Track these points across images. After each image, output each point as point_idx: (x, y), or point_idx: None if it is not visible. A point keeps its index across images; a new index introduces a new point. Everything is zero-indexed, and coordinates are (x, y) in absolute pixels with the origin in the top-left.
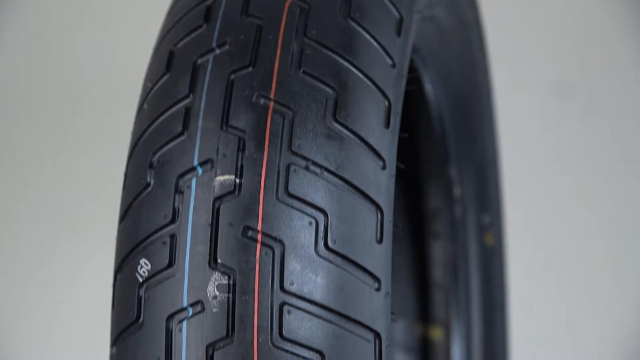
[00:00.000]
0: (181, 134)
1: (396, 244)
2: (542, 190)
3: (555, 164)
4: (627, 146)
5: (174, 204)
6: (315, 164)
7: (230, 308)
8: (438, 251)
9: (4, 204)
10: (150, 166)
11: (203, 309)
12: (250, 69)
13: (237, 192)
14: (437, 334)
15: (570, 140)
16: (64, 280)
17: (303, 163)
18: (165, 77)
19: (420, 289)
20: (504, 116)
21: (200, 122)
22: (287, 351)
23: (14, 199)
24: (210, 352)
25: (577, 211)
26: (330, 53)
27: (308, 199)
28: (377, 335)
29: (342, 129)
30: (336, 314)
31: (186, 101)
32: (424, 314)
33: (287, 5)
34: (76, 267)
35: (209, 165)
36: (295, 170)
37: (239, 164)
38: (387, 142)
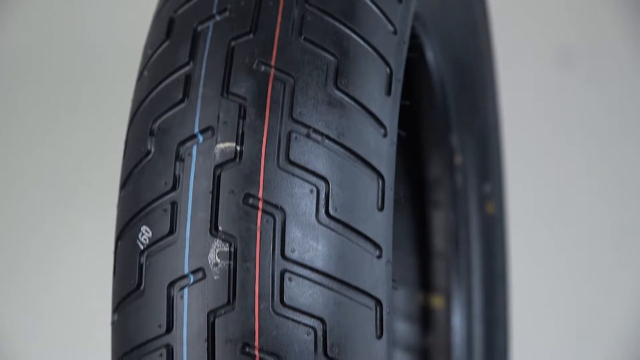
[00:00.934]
0: (181, 101)
1: (397, 213)
2: (541, 160)
3: (555, 134)
4: (627, 115)
5: (174, 172)
6: (316, 131)
7: (232, 275)
8: (439, 220)
9: (5, 172)
10: (151, 133)
11: (204, 276)
12: (251, 35)
13: (237, 159)
14: (437, 302)
15: (571, 109)
16: (64, 248)
17: (304, 130)
18: (165, 44)
19: (421, 257)
20: (505, 85)
21: (200, 90)
22: (288, 318)
23: (15, 167)
24: (211, 319)
25: (576, 182)
26: (331, 20)
27: (309, 166)
28: (378, 302)
29: (343, 96)
30: (337, 281)
31: (186, 68)
32: (424, 282)
33: None
34: (76, 235)
35: (209, 133)
36: (296, 138)
37: (240, 131)
38: (388, 109)
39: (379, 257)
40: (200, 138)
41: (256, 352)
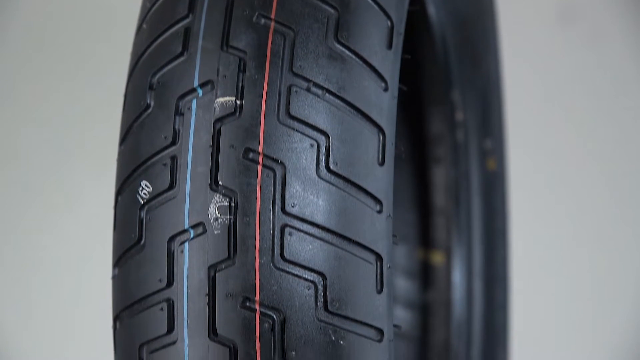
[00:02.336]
0: (181, 54)
1: (398, 170)
2: (542, 119)
3: (557, 93)
4: (631, 72)
5: (174, 126)
6: (316, 85)
7: (232, 230)
8: (440, 176)
9: (5, 127)
10: (150, 87)
11: (204, 231)
12: None
13: (237, 113)
14: (438, 258)
15: (573, 67)
16: (64, 203)
17: (304, 84)
18: None
19: (421, 214)
20: (507, 42)
21: (200, 43)
22: (288, 273)
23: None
24: (212, 274)
25: (576, 144)
26: None
27: (309, 120)
28: (379, 257)
29: (343, 49)
30: (338, 236)
31: (186, 21)
32: (425, 239)
33: None
34: (76, 190)
35: (209, 87)
36: (296, 92)
37: (240, 85)
38: (389, 63)
39: (380, 211)
40: (200, 92)
41: (257, 307)
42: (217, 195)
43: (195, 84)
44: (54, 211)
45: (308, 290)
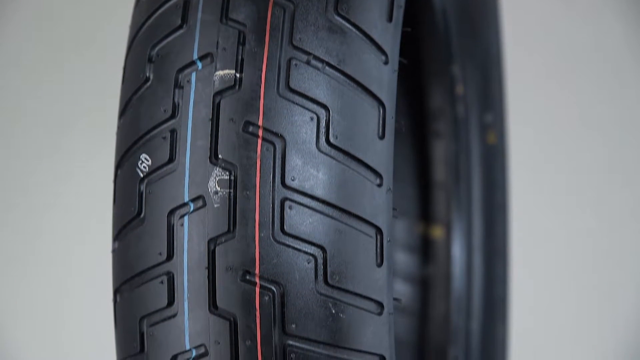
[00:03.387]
0: (180, 27)
1: (398, 144)
2: (543, 92)
3: (558, 66)
4: (635, 43)
5: (173, 99)
6: (316, 58)
7: (232, 203)
8: (440, 150)
9: (3, 100)
10: (149, 60)
11: (204, 204)
12: None
13: (237, 86)
14: (438, 233)
15: (575, 40)
16: (64, 176)
17: (304, 57)
18: None
19: (421, 188)
20: (508, 15)
21: (199, 15)
22: (288, 246)
23: (15, 97)
24: (212, 247)
25: (578, 118)
26: None
27: (309, 94)
28: (379, 230)
29: (343, 22)
30: (338, 209)
31: None
32: (425, 213)
33: None
34: (76, 164)
35: (208, 60)
36: (296, 65)
37: (239, 58)
38: (389, 36)
39: (380, 185)
40: (200, 65)
41: (257, 280)
42: (217, 168)
43: (195, 56)
44: (52, 186)
45: (308, 263)
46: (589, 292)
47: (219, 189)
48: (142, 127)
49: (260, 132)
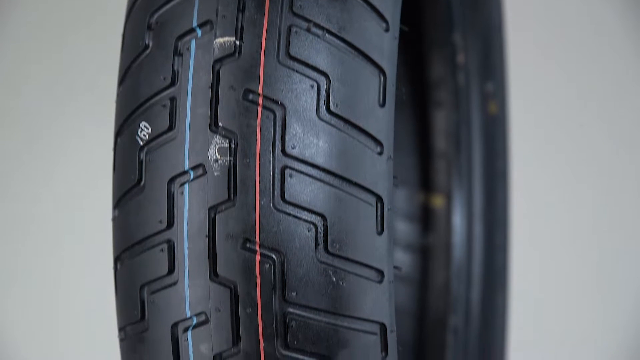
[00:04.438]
0: None
1: (398, 114)
2: (544, 62)
3: (560, 36)
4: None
5: (173, 67)
6: (317, 25)
7: (232, 171)
8: (441, 120)
9: (3, 73)
10: (149, 27)
11: (204, 172)
12: None
13: (237, 54)
14: (438, 202)
15: (577, 10)
16: (64, 146)
17: (304, 24)
18: None
19: (422, 157)
20: None
21: None
22: (289, 214)
23: (14, 65)
24: (212, 215)
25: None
26: None
27: (310, 61)
28: (379, 198)
29: None
30: (338, 177)
31: None
32: (425, 182)
33: None
34: (76, 132)
35: (208, 27)
36: (296, 32)
37: (239, 25)
38: (390, 3)
39: (380, 153)
40: (199, 32)
41: (257, 248)
42: (217, 136)
43: (194, 24)
44: (52, 154)
45: (308, 231)
46: (591, 267)
47: (219, 156)
48: (141, 94)
49: (260, 100)
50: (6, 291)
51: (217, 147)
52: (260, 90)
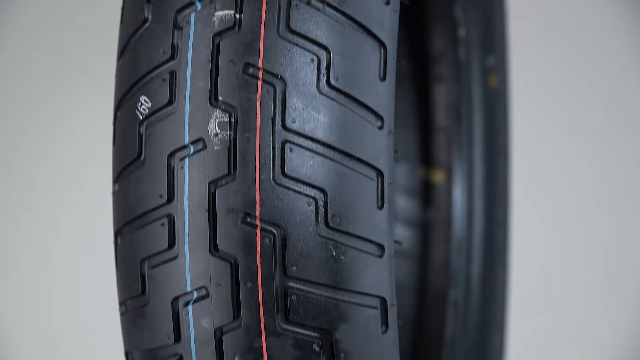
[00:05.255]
0: None
1: (399, 88)
2: (545, 34)
3: (562, 9)
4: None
5: (172, 40)
6: None
7: (232, 146)
8: (441, 94)
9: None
10: (148, 1)
11: (204, 147)
12: None
13: (237, 27)
14: (439, 177)
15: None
16: (64, 121)
17: None
18: None
19: (423, 132)
20: None
21: None
22: (289, 188)
23: (13, 44)
24: (212, 189)
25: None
26: None
27: (310, 35)
28: (380, 173)
29: None
30: (338, 151)
31: None
32: (426, 157)
33: None
34: (75, 106)
35: (207, 0)
36: (296, 5)
37: None
38: None
39: (381, 127)
40: (199, 5)
41: (257, 222)
42: (217, 110)
43: None
44: (52, 129)
45: (309, 206)
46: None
47: (219, 131)
48: (141, 68)
49: (260, 74)
50: (5, 268)
51: (217, 121)
52: (260, 64)
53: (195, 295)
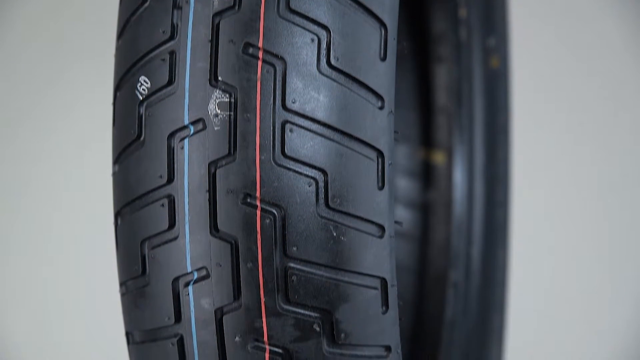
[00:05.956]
0: None
1: (399, 69)
2: (547, 16)
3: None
4: None
5: (172, 20)
6: None
7: (232, 126)
8: (442, 75)
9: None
10: None
11: (204, 127)
12: None
13: (237, 7)
14: (439, 158)
15: None
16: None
17: None
18: None
19: (423, 113)
20: None
21: None
22: (289, 169)
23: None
24: (212, 170)
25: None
26: None
27: (310, 14)
28: (380, 153)
29: None
30: (339, 132)
31: None
32: (426, 138)
33: None
34: (75, 86)
35: None
36: None
37: None
38: None
39: (381, 108)
40: None
41: (257, 203)
42: (217, 91)
43: None
44: (51, 110)
45: (309, 186)
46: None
47: (219, 111)
48: (140, 48)
49: (260, 54)
50: (5, 247)
51: (217, 101)
52: (260, 44)
53: (196, 275)
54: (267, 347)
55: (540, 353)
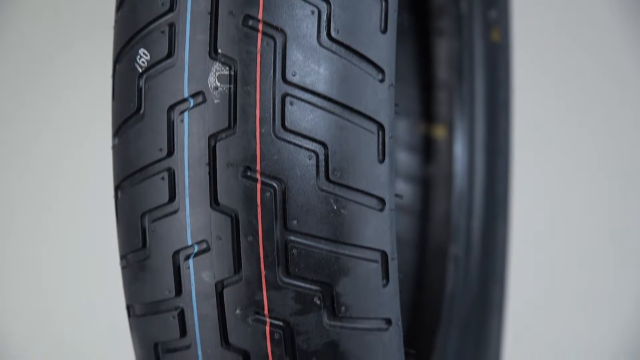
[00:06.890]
0: None
1: (400, 43)
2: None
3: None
4: None
5: None
6: None
7: (232, 99)
8: (443, 49)
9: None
10: None
11: (204, 100)
12: None
13: None
14: (440, 132)
15: None
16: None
17: None
18: None
19: (424, 87)
20: None
21: None
22: (289, 142)
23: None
24: (212, 143)
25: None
26: None
27: None
28: (381, 126)
29: None
30: (339, 105)
31: None
32: (427, 112)
33: None
34: (75, 59)
35: None
36: None
37: None
38: None
39: (382, 80)
40: None
41: (257, 176)
42: (217, 63)
43: None
44: (51, 83)
45: (309, 159)
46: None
47: (219, 84)
48: (140, 20)
49: (260, 26)
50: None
51: (216, 74)
52: (260, 16)
53: (196, 248)
54: (268, 320)
55: (540, 344)
